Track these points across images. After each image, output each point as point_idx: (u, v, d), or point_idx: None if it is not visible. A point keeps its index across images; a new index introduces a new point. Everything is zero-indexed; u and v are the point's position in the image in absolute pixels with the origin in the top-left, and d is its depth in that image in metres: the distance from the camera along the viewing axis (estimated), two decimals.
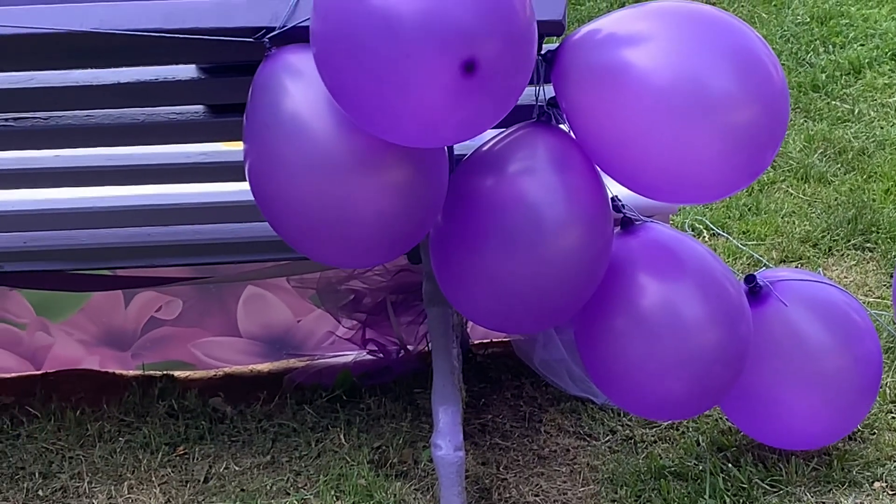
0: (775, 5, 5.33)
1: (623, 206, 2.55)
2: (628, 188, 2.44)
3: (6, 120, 2.52)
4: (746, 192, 3.97)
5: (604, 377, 2.64)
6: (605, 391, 2.71)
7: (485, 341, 3.37)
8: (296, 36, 2.24)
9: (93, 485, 2.93)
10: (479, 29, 2.00)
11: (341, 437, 3.04)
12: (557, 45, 2.38)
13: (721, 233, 3.73)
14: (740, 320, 2.58)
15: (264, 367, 3.39)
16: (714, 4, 4.62)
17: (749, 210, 3.98)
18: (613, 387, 2.64)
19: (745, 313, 2.60)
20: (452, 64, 1.99)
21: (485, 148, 2.42)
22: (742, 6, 5.40)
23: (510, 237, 2.33)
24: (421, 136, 2.15)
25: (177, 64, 2.43)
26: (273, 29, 2.24)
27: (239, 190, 2.63)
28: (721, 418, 2.99)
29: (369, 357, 3.28)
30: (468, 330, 3.27)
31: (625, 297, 2.53)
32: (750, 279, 2.72)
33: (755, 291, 2.71)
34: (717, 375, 2.58)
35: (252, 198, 2.39)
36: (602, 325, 2.55)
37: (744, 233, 3.86)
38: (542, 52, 2.34)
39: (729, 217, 3.95)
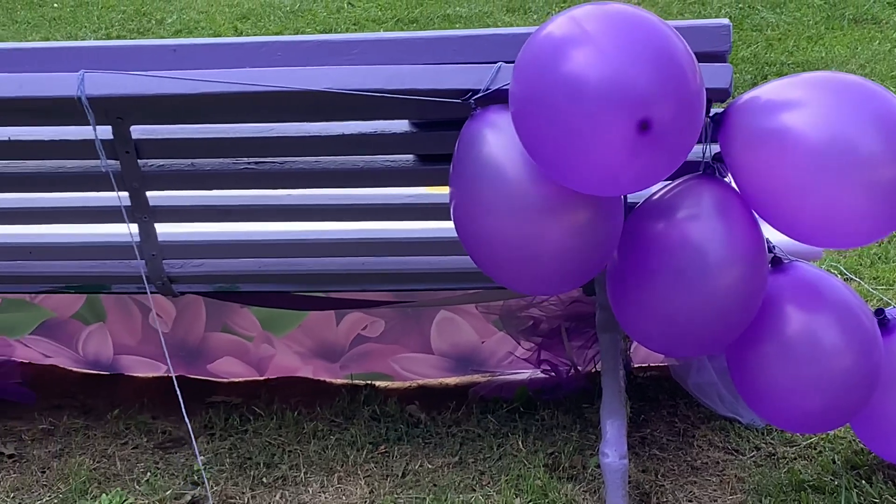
0: None
1: (774, 247, 2.55)
2: (782, 233, 2.44)
3: (248, 163, 2.60)
4: (877, 242, 3.91)
5: (752, 395, 2.62)
6: (753, 407, 2.69)
7: (644, 365, 3.35)
8: (497, 97, 2.28)
9: (308, 475, 2.97)
10: (655, 93, 2.03)
11: (519, 443, 3.06)
12: (724, 108, 2.39)
13: (853, 277, 3.68)
14: (873, 349, 2.56)
15: (452, 380, 3.41)
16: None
17: (879, 259, 3.94)
18: (760, 403, 2.63)
19: (877, 343, 2.58)
20: (630, 123, 2.03)
21: (656, 196, 2.44)
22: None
23: (678, 275, 2.35)
24: (601, 186, 2.18)
25: (393, 119, 2.49)
26: (478, 91, 2.29)
27: (440, 228, 2.68)
28: (854, 440, 2.95)
29: (543, 375, 3.27)
30: (630, 354, 3.27)
31: (773, 327, 2.52)
32: (879, 312, 2.69)
33: (884, 324, 2.68)
34: (852, 396, 2.56)
35: (450, 234, 2.44)
36: (753, 351, 2.54)
37: (874, 278, 3.81)
38: (711, 114, 2.36)
39: (861, 264, 3.90)
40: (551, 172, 2.18)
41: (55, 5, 7.47)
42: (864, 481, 2.82)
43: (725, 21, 2.38)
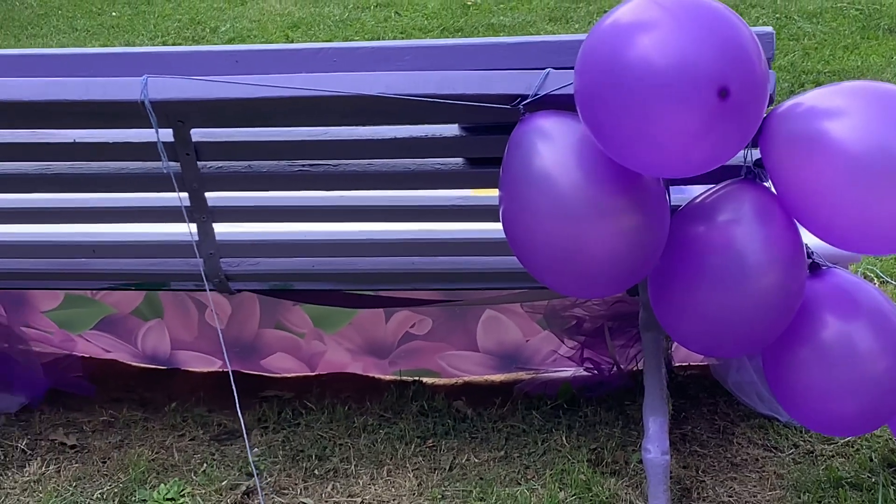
0: None
1: (812, 253, 2.54)
2: (820, 239, 2.43)
3: (303, 165, 2.60)
4: None
5: (787, 398, 2.60)
6: (788, 409, 2.67)
7: (685, 364, 3.34)
8: (545, 103, 2.28)
9: (358, 468, 2.99)
10: (731, 64, 2.04)
11: (563, 438, 3.06)
12: (765, 115, 2.38)
13: (889, 280, 3.66)
14: None
15: (497, 377, 3.41)
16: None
17: None
18: (795, 406, 2.61)
19: None
20: (710, 91, 2.02)
21: (698, 199, 2.42)
22: None
23: (719, 277, 2.33)
24: (674, 163, 2.16)
25: (443, 123, 2.49)
26: (527, 97, 2.29)
27: (487, 229, 2.69)
28: (891, 438, 2.94)
29: (586, 373, 3.27)
30: (671, 353, 3.27)
31: (809, 332, 2.50)
32: None
33: None
34: (886, 400, 2.54)
35: (497, 235, 2.44)
36: (789, 354, 2.52)
37: None
38: None
39: None
40: (623, 156, 2.16)
41: (114, 14, 7.52)
42: None
43: (769, 29, 2.37)
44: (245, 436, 2.74)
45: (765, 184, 2.42)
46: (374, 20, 7.18)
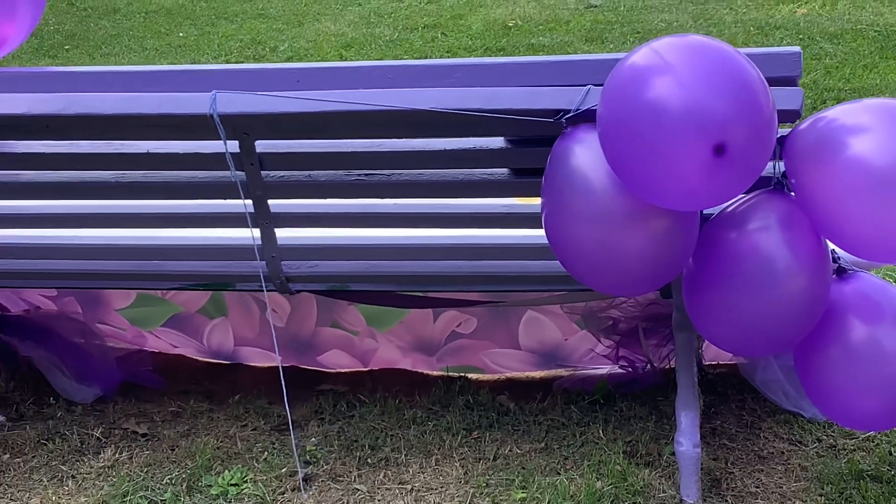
0: None
1: (839, 258, 2.52)
2: (840, 248, 2.40)
3: (360, 175, 2.61)
4: None
5: (817, 395, 2.59)
6: (819, 406, 2.65)
7: (714, 363, 3.32)
8: (586, 117, 2.27)
9: (408, 457, 2.99)
10: (730, 120, 2.02)
11: (600, 431, 3.05)
12: (790, 130, 2.36)
13: None
14: None
15: (538, 374, 3.40)
16: None
17: None
18: (824, 402, 2.59)
19: None
20: (706, 147, 2.02)
21: (730, 208, 2.40)
22: None
23: (748, 281, 2.32)
24: (679, 202, 2.16)
25: (490, 136, 2.49)
26: (569, 111, 2.28)
27: (530, 235, 2.68)
28: None
29: (621, 370, 3.25)
30: (702, 352, 3.25)
31: (837, 332, 2.48)
32: None
33: None
34: None
35: (538, 241, 2.46)
36: (819, 353, 2.50)
37: None
38: (779, 135, 2.33)
39: None
40: (634, 189, 2.18)
41: (180, 34, 7.57)
42: None
43: (797, 48, 2.35)
44: (290, 428, 2.78)
45: (792, 194, 2.40)
46: (421, 40, 7.19)
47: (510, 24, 7.39)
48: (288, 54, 7.06)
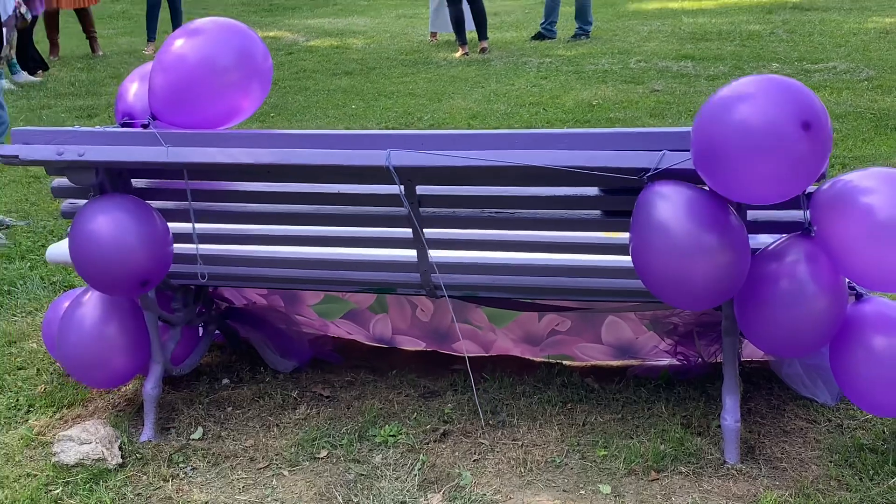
0: None
1: (855, 286, 2.46)
2: (856, 282, 2.36)
3: (491, 212, 2.64)
4: None
5: (848, 387, 2.55)
6: (849, 395, 2.60)
7: (749, 359, 3.23)
8: (663, 174, 2.27)
9: (519, 420, 2.96)
10: (810, 108, 2.08)
11: (663, 407, 3.00)
12: (816, 188, 2.32)
13: None
14: None
15: (615, 363, 3.35)
16: None
17: None
18: (854, 393, 2.55)
19: None
20: (797, 122, 2.04)
21: (770, 247, 2.39)
22: None
23: (786, 300, 2.30)
24: (777, 190, 2.16)
25: (588, 186, 2.49)
26: (649, 170, 2.28)
27: (616, 260, 2.67)
28: None
29: (678, 363, 3.19)
30: (741, 351, 3.17)
31: (860, 339, 2.47)
32: None
33: None
34: None
35: (618, 264, 2.47)
36: (848, 357, 2.49)
37: None
38: (806, 192, 2.30)
39: None
40: (737, 193, 2.18)
41: (353, 106, 7.67)
42: None
43: None
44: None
45: (813, 236, 2.36)
46: (528, 114, 7.17)
47: (594, 103, 7.34)
48: (430, 122, 7.11)
